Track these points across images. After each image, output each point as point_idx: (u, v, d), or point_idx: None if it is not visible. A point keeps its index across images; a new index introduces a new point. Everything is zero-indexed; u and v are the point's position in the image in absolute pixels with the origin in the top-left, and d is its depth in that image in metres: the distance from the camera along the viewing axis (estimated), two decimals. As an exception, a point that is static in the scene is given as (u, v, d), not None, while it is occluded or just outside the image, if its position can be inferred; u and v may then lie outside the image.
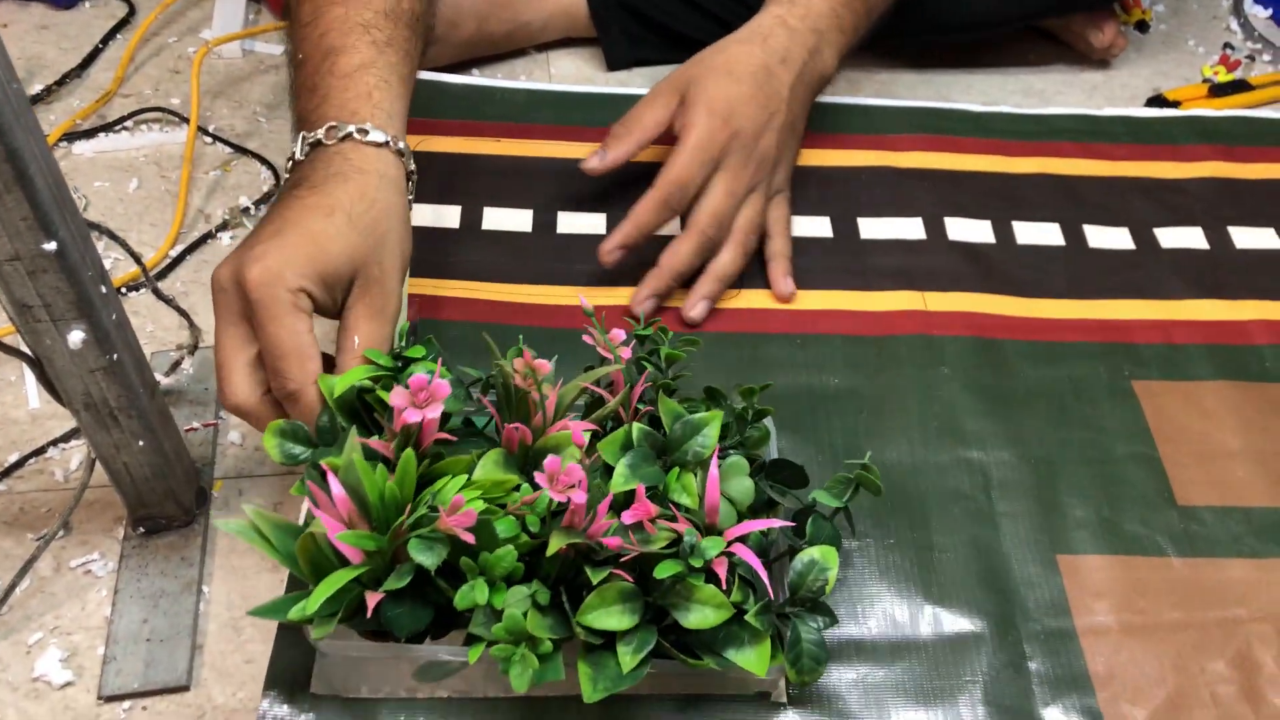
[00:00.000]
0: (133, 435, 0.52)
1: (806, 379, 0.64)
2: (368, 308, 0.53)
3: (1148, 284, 0.71)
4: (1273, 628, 0.55)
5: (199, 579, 0.57)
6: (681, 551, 0.45)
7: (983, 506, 0.59)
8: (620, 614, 0.45)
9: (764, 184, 0.69)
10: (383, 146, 0.56)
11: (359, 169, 0.55)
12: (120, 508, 0.58)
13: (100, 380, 0.49)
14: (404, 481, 0.45)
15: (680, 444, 0.49)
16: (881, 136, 0.80)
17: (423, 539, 0.43)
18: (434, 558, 0.43)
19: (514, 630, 0.43)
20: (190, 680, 0.54)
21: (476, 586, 0.44)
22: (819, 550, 0.48)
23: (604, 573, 0.45)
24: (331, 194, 0.53)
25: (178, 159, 0.78)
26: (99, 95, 0.82)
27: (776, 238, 0.70)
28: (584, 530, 0.45)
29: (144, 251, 0.72)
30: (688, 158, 0.65)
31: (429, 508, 0.44)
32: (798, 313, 0.68)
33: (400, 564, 0.44)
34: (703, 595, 0.45)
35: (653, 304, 0.67)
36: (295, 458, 0.49)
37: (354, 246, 0.52)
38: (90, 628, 0.55)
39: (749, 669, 0.45)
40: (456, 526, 0.43)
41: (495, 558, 0.44)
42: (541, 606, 0.45)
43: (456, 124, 0.78)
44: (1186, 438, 0.62)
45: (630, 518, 0.45)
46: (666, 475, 0.48)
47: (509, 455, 0.48)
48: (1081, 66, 0.91)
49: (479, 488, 0.46)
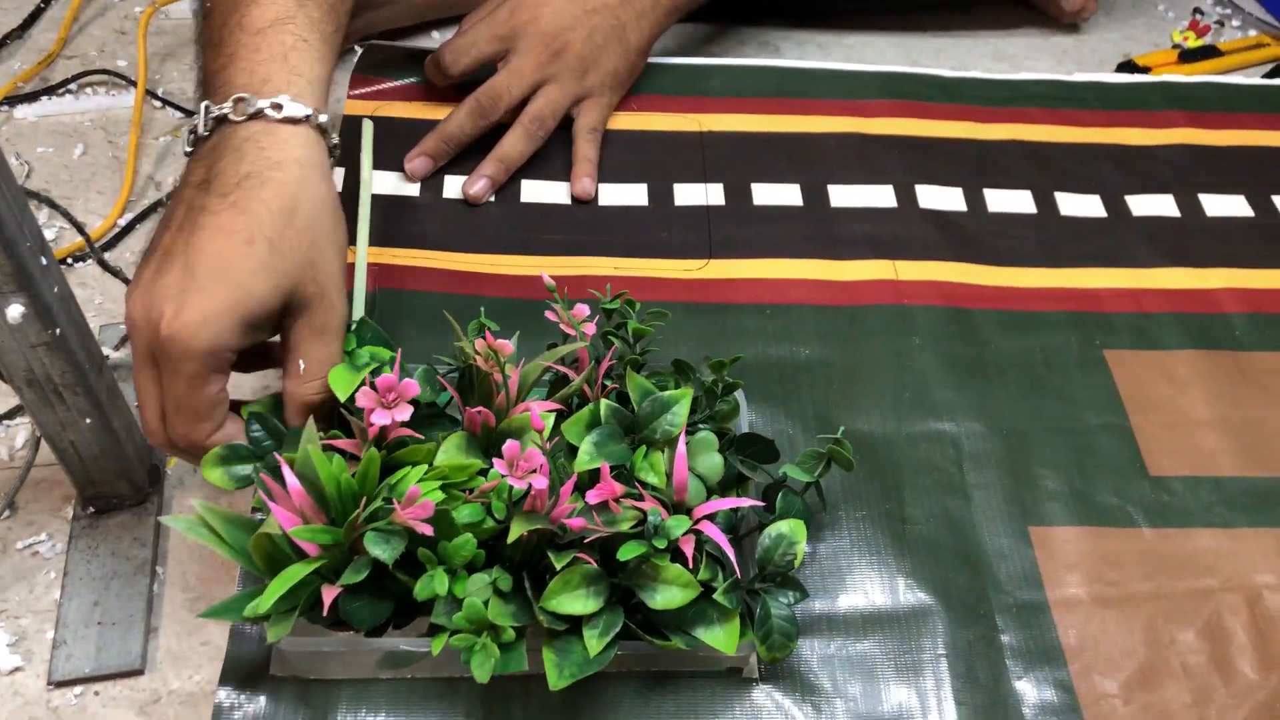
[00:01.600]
0: (79, 412, 0.50)
1: (776, 350, 0.63)
2: (309, 328, 0.48)
3: (1119, 252, 0.70)
4: (1242, 597, 0.54)
5: (152, 560, 0.55)
6: (646, 532, 0.44)
7: (954, 478, 0.58)
8: (585, 598, 0.43)
9: (568, 78, 0.70)
10: (301, 123, 0.49)
11: (275, 162, 0.48)
12: (69, 487, 0.56)
13: (43, 356, 0.47)
14: (366, 477, 0.44)
15: (649, 422, 0.48)
16: (851, 102, 0.78)
17: (379, 531, 0.42)
18: (390, 551, 0.42)
19: (475, 619, 0.42)
20: (144, 664, 0.52)
21: (436, 577, 0.43)
22: (787, 524, 0.47)
23: (568, 556, 0.43)
24: (248, 208, 0.46)
25: (125, 124, 0.76)
26: (41, 57, 0.79)
27: (580, 140, 0.72)
28: (546, 514, 0.44)
29: (91, 220, 0.69)
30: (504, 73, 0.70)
31: (385, 500, 0.43)
32: (767, 282, 0.67)
33: (358, 556, 0.43)
34: (669, 575, 0.44)
35: (484, 185, 0.69)
36: (247, 479, 0.47)
37: (281, 275, 0.46)
38: (39, 611, 0.54)
39: (718, 648, 0.45)
40: (412, 519, 0.42)
41: (454, 546, 0.43)
42: (503, 593, 0.43)
43: (413, 87, 0.76)
44: (1157, 407, 0.62)
45: (595, 497, 0.44)
46: (634, 454, 0.47)
47: (472, 438, 0.47)
48: (1051, 30, 0.90)
49: (440, 474, 0.44)
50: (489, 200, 0.70)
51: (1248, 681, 0.51)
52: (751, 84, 0.79)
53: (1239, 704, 0.51)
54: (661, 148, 0.74)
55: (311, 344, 0.48)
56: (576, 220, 0.70)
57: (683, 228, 0.69)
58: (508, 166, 0.70)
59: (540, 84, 0.71)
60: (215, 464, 0.47)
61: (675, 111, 0.77)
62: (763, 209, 0.70)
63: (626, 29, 0.73)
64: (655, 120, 0.76)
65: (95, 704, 0.51)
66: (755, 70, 0.80)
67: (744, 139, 0.75)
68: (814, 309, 0.65)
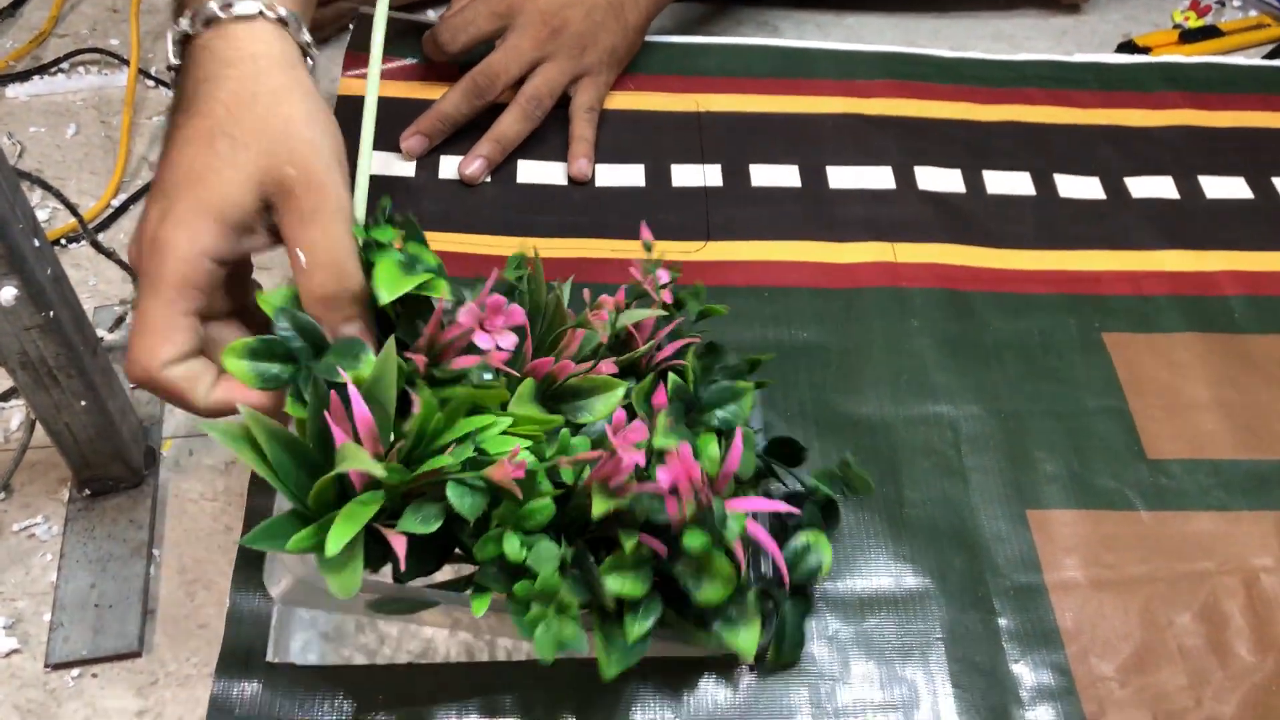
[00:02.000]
0: (74, 395, 0.50)
1: (774, 333, 0.63)
2: (296, 215, 0.44)
3: (1118, 234, 0.70)
4: (1239, 580, 0.55)
5: (149, 542, 0.55)
6: (709, 523, 0.42)
7: (952, 461, 0.58)
8: (635, 580, 0.41)
9: (565, 56, 0.70)
10: (255, 19, 0.46)
11: (229, 62, 0.46)
12: (64, 469, 0.56)
13: (36, 338, 0.46)
14: (453, 414, 0.39)
15: (712, 408, 0.47)
16: (849, 82, 0.78)
17: (463, 484, 0.38)
18: (475, 507, 0.38)
19: (547, 592, 0.40)
20: (142, 646, 0.52)
21: (506, 538, 0.40)
22: (813, 535, 0.47)
23: (635, 537, 0.41)
24: (208, 112, 0.44)
25: (118, 104, 0.75)
26: (33, 35, 0.78)
27: (577, 119, 0.72)
28: (618, 490, 0.41)
29: (84, 201, 0.69)
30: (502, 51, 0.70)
31: (475, 449, 0.39)
32: (766, 265, 0.66)
33: (420, 503, 0.39)
34: (718, 568, 0.42)
35: (479, 165, 0.69)
36: (277, 379, 0.41)
37: (247, 165, 0.43)
38: (35, 594, 0.53)
39: (739, 650, 0.44)
40: (507, 478, 0.38)
41: (532, 509, 0.40)
42: (563, 567, 0.41)
43: (410, 67, 0.76)
44: (1156, 390, 0.62)
45: (667, 479, 0.40)
46: (699, 439, 0.45)
47: (536, 389, 0.44)
48: (1051, 11, 0.89)
49: (520, 427, 0.41)
50: (485, 180, 0.70)
51: (1244, 664, 0.52)
52: (749, 64, 0.78)
53: (1235, 686, 0.51)
54: (658, 127, 0.74)
55: (303, 230, 0.44)
56: (573, 201, 0.69)
57: (680, 209, 0.69)
58: (504, 147, 0.70)
59: (538, 62, 0.70)
60: (242, 355, 0.40)
61: (673, 91, 0.76)
62: (760, 190, 0.70)
63: (625, 7, 0.72)
64: (652, 100, 0.75)
65: (92, 686, 0.51)
66: (753, 50, 0.80)
67: (742, 119, 0.75)
68: (812, 292, 0.65)
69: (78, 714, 0.50)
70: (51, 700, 0.50)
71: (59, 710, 0.50)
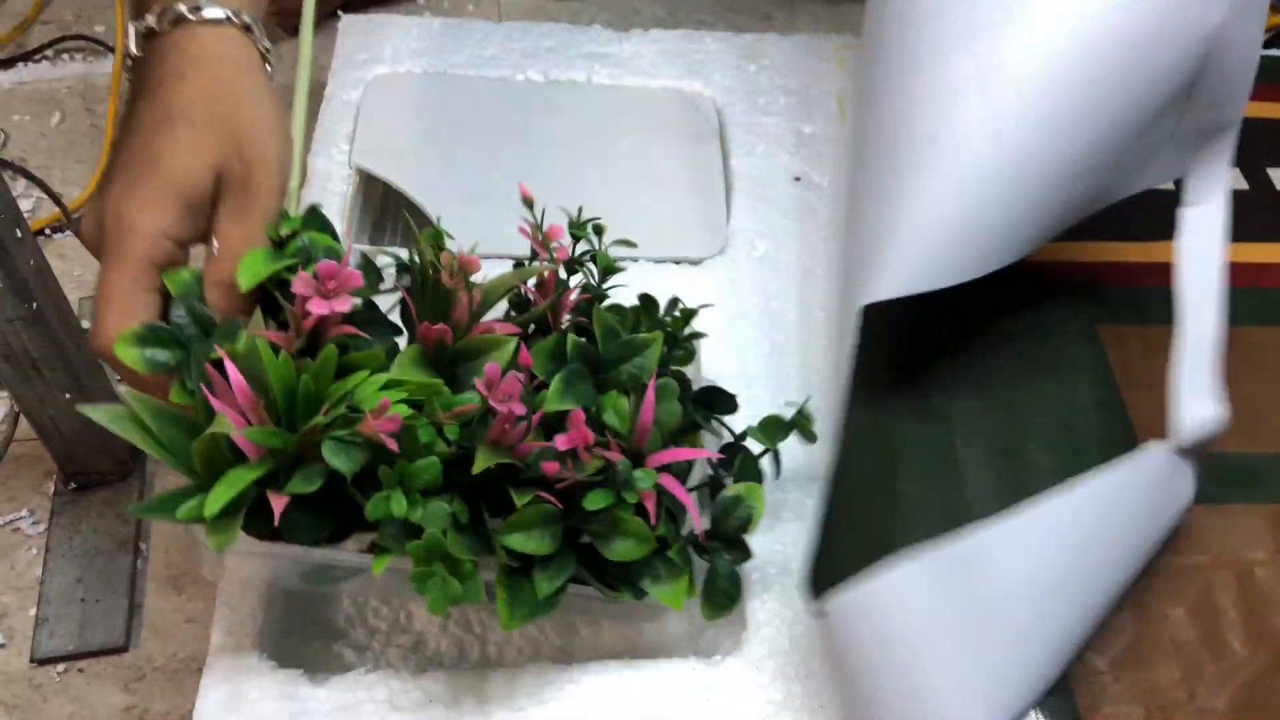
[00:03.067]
0: (58, 388, 0.49)
1: (767, 323, 0.63)
2: (229, 209, 0.46)
3: (1115, 226, 0.70)
4: (1233, 573, 0.54)
5: (136, 536, 0.55)
6: (613, 482, 0.42)
7: (946, 455, 0.58)
8: (540, 538, 0.42)
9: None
10: (222, 24, 0.49)
11: (195, 59, 0.48)
12: (49, 462, 0.55)
13: (19, 330, 0.46)
14: (320, 376, 0.41)
15: (616, 363, 0.46)
16: None
17: (339, 441, 0.39)
18: (350, 463, 0.39)
19: (434, 549, 0.40)
20: (128, 641, 0.52)
21: (393, 498, 0.40)
22: (745, 487, 0.46)
23: (529, 495, 0.42)
24: (169, 101, 0.47)
25: (104, 91, 0.74)
26: (17, 22, 0.77)
27: None
28: (512, 448, 0.42)
29: (70, 190, 0.68)
30: None
31: (348, 407, 0.40)
32: None
33: (305, 465, 0.40)
34: (630, 527, 0.43)
35: None
36: (163, 364, 0.42)
37: (206, 152, 0.46)
38: (21, 588, 0.53)
39: (665, 602, 0.44)
40: (381, 431, 0.39)
41: (417, 468, 0.41)
42: (460, 525, 0.42)
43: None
44: (1151, 384, 0.61)
45: (565, 443, 0.42)
46: (602, 398, 0.45)
47: (424, 354, 0.45)
48: None
49: (401, 388, 0.42)
50: None
51: (1237, 657, 0.51)
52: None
53: (1228, 679, 0.51)
54: None
55: (230, 223, 0.46)
56: None
57: None
58: None
59: None
60: (131, 343, 0.42)
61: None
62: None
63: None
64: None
65: (79, 681, 0.50)
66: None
67: None
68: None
69: (64, 710, 0.50)
70: (37, 696, 0.50)
71: (45, 706, 0.50)
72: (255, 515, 0.40)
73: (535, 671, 0.48)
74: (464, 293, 0.45)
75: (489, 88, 0.72)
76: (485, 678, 0.48)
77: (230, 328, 0.43)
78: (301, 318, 0.42)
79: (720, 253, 0.65)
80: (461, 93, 0.71)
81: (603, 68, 0.74)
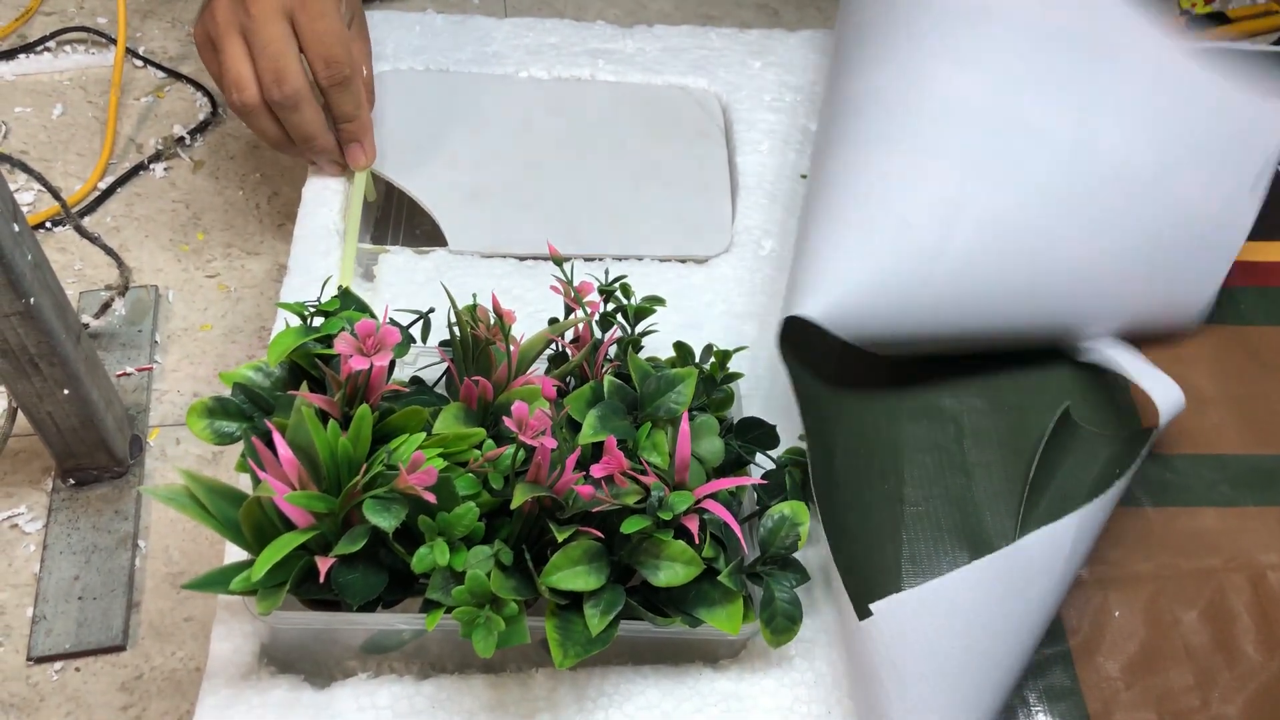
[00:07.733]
0: (56, 383, 0.49)
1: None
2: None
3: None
4: (1246, 577, 0.54)
5: (134, 533, 0.54)
6: (649, 506, 0.42)
7: (955, 457, 0.57)
8: (587, 574, 0.42)
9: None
10: None
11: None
12: (47, 458, 0.54)
13: (16, 326, 0.45)
14: (359, 437, 0.42)
15: (652, 399, 0.47)
16: None
17: (379, 499, 0.40)
18: (391, 519, 0.40)
19: (477, 592, 0.41)
20: (126, 640, 0.51)
21: (436, 547, 0.41)
22: (789, 506, 0.46)
23: (570, 530, 0.42)
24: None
25: (105, 83, 0.73)
26: (19, 13, 0.76)
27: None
28: (551, 485, 0.42)
29: (70, 184, 0.67)
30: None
31: (385, 466, 0.41)
32: None
33: (353, 527, 0.42)
34: (672, 552, 0.43)
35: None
36: (230, 436, 0.45)
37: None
38: (17, 585, 0.52)
39: (721, 629, 0.44)
40: (417, 485, 0.40)
41: (455, 516, 0.42)
42: (505, 567, 0.42)
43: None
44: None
45: (600, 470, 0.42)
46: (638, 430, 0.46)
47: (469, 411, 0.46)
48: None
49: (440, 443, 0.43)
50: None
51: (1251, 662, 0.51)
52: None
53: (1242, 685, 0.50)
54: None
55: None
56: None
57: None
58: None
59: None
60: (201, 415, 0.45)
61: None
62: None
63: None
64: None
65: (76, 680, 0.50)
66: None
67: None
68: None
69: (60, 708, 0.49)
70: (34, 694, 0.49)
71: (41, 704, 0.49)
72: (313, 584, 0.41)
73: (542, 677, 0.47)
74: (501, 344, 0.46)
75: (492, 85, 0.71)
76: (489, 684, 0.47)
77: (290, 404, 0.44)
78: (345, 378, 0.44)
79: (727, 251, 0.65)
80: (464, 90, 0.70)
81: (607, 64, 0.73)
